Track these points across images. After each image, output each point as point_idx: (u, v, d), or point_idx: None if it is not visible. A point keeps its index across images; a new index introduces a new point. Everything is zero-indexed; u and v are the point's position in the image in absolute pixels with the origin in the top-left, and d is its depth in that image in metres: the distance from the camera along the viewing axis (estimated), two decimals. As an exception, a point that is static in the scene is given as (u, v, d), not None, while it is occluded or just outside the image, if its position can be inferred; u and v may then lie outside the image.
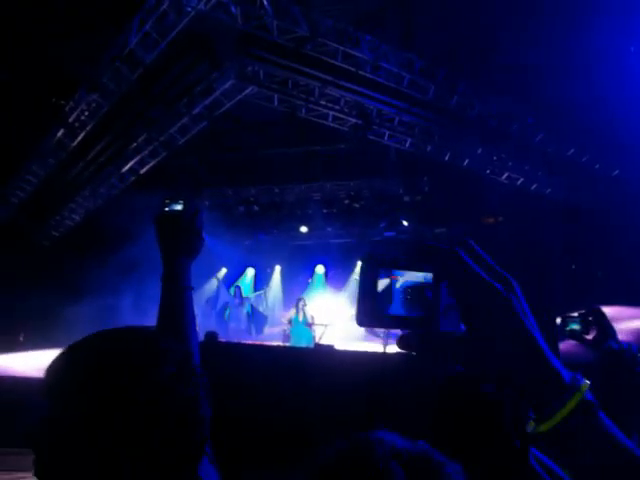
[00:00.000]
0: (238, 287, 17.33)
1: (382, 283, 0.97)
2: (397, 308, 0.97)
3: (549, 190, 14.06)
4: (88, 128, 11.91)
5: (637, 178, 12.23)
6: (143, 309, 12.66)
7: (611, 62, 9.48)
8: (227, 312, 16.96)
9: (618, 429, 0.94)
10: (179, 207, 2.04)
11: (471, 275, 0.94)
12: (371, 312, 0.97)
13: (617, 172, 13.21)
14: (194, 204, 2.04)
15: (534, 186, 14.04)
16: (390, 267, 0.98)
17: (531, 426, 0.96)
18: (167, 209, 2.05)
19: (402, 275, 0.97)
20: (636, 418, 2.38)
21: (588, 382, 0.95)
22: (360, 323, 0.98)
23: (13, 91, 10.44)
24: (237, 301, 17.12)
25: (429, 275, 0.96)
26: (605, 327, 2.96)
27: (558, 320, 3.21)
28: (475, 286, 0.94)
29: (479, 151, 13.09)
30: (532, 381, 0.95)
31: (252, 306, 17.31)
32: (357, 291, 0.98)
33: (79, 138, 12.24)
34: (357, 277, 1.03)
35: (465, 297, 0.95)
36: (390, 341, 13.79)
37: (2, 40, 9.40)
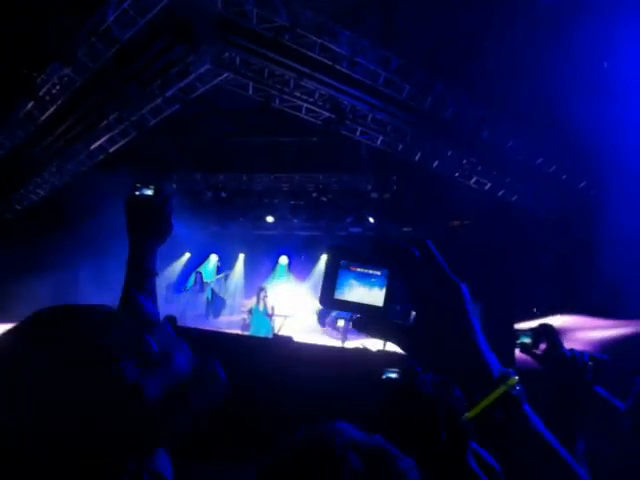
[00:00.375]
0: (199, 273, 17.23)
1: (343, 272, 1.09)
2: (353, 295, 1.07)
3: (515, 197, 14.20)
4: (59, 102, 11.73)
5: (602, 190, 12.38)
6: (103, 287, 12.59)
7: (590, 75, 9.58)
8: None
9: (543, 424, 1.02)
10: (150, 192, 2.03)
11: (425, 270, 1.04)
12: (331, 296, 1.09)
13: (584, 184, 13.37)
14: (165, 189, 2.04)
15: (501, 192, 14.17)
16: (352, 259, 1.09)
17: (464, 416, 1.03)
18: (138, 193, 2.04)
19: (362, 268, 1.08)
20: (582, 420, 2.51)
21: (516, 377, 1.02)
22: (321, 302, 1.10)
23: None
24: (197, 287, 17.03)
25: (385, 271, 1.06)
26: (555, 342, 3.03)
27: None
28: (433, 279, 1.04)
29: (449, 153, 13.17)
30: (465, 372, 1.03)
31: (212, 290, 17.24)
32: (323, 275, 1.11)
33: (49, 112, 12.05)
34: (321, 268, 1.16)
35: (416, 290, 1.04)
36: (349, 337, 13.89)
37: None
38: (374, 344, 13.63)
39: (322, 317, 14.83)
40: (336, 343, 13.71)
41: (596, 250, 11.18)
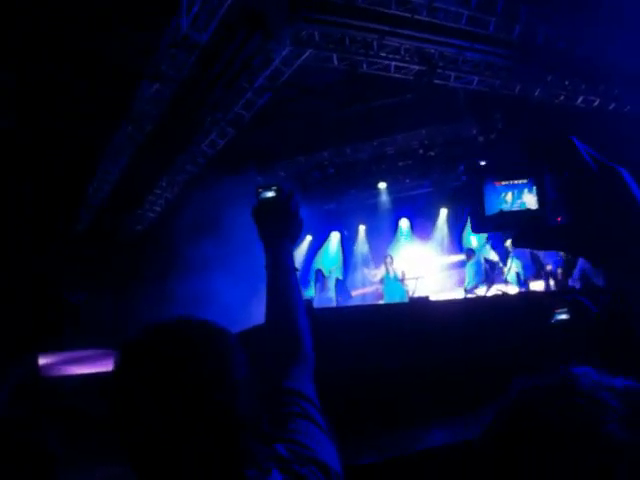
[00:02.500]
0: (319, 271, 16.91)
1: (488, 189, 1.05)
2: (506, 206, 1.03)
3: (628, 107, 13.45)
4: (155, 118, 12.02)
5: None
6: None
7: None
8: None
9: None
10: (271, 194, 2.06)
11: (587, 159, 0.98)
12: (482, 217, 1.04)
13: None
14: (287, 188, 2.05)
15: (612, 106, 13.46)
16: (493, 175, 1.06)
17: None
18: (261, 197, 2.07)
19: (507, 180, 1.04)
20: None
21: None
22: (475, 230, 1.06)
23: (76, 92, 10.60)
24: (319, 286, 16.36)
25: (531, 178, 1.03)
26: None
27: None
28: (590, 169, 0.98)
29: (549, 78, 12.61)
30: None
31: (337, 281, 16.87)
32: (467, 202, 1.07)
33: (147, 130, 12.37)
34: (442, 223, 1.07)
35: (580, 182, 0.98)
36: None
37: (53, 39, 9.51)
38: (510, 289, 13.38)
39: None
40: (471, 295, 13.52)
41: None
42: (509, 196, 1.02)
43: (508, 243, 13.80)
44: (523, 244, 1.02)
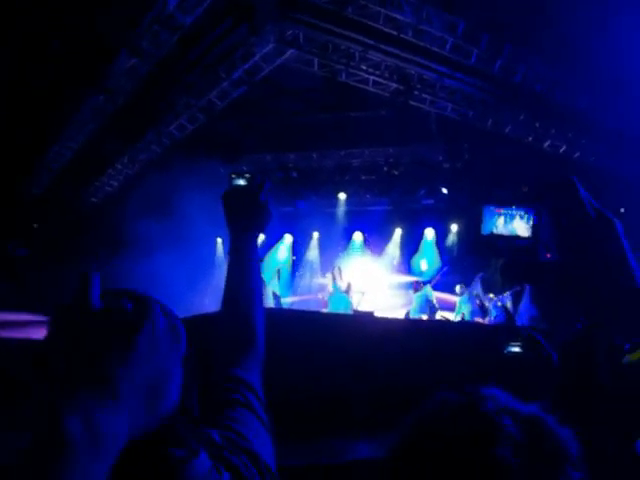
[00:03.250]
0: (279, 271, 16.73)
1: (488, 212, 1.12)
2: (501, 230, 1.09)
3: (593, 158, 13.75)
4: (127, 93, 11.87)
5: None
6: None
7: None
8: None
9: None
10: (243, 181, 2.05)
11: (586, 204, 1.02)
12: (477, 233, 1.11)
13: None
14: (259, 178, 2.04)
15: (577, 154, 13.75)
16: (497, 203, 1.12)
17: (626, 357, 0.98)
18: (232, 184, 2.06)
19: (507, 209, 1.10)
20: None
21: None
22: (468, 251, 1.10)
23: (53, 54, 10.41)
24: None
25: (531, 211, 1.09)
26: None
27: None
28: (589, 214, 1.02)
29: (521, 117, 12.84)
30: (625, 310, 0.99)
31: (274, 295, 16.69)
32: (472, 216, 1.12)
33: (118, 103, 12.21)
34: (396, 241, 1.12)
35: (577, 224, 1.02)
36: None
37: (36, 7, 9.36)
38: (452, 316, 13.55)
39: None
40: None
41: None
42: (501, 220, 1.07)
43: (457, 288, 14.00)
44: (512, 273, 1.05)
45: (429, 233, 17.41)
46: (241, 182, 2.06)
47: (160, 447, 1.18)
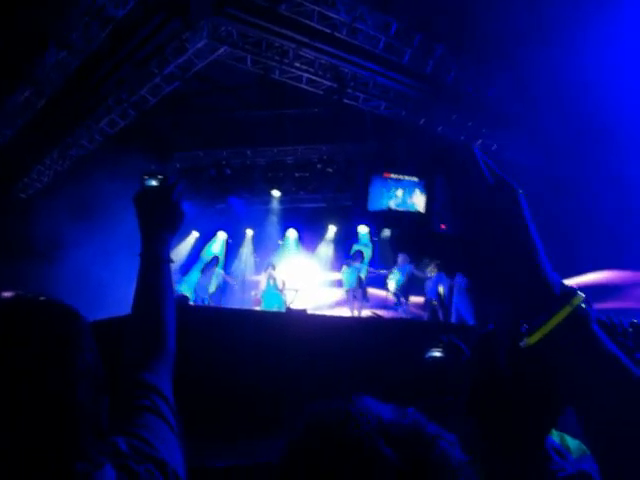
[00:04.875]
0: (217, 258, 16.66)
1: (376, 180, 0.99)
2: (390, 203, 0.98)
3: (525, 157, 14.04)
4: (56, 87, 11.60)
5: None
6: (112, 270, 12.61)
7: (593, 34, 9.47)
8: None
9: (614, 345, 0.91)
10: (155, 182, 2.02)
11: (485, 171, 0.94)
12: (364, 207, 0.98)
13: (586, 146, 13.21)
14: (172, 178, 2.01)
15: (508, 152, 14.03)
16: (385, 166, 1.00)
17: (524, 341, 0.93)
18: (144, 185, 2.03)
19: (397, 174, 0.99)
20: None
21: (582, 295, 0.91)
22: (357, 214, 0.99)
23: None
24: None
25: (424, 178, 0.98)
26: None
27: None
28: (489, 180, 0.94)
29: (454, 117, 13.04)
30: (525, 288, 0.92)
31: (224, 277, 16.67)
32: (353, 190, 1.05)
33: (47, 97, 11.92)
34: (330, 239, 1.04)
35: (475, 191, 0.93)
36: (365, 305, 13.88)
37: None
38: (386, 313, 13.69)
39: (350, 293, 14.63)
40: (348, 313, 13.72)
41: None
42: (399, 192, 0.97)
43: (400, 258, 14.14)
44: (402, 246, 0.98)
45: (363, 229, 17.54)
46: (153, 183, 2.03)
47: (62, 461, 1.16)
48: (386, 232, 0.96)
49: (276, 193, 17.36)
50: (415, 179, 0.97)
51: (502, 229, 0.92)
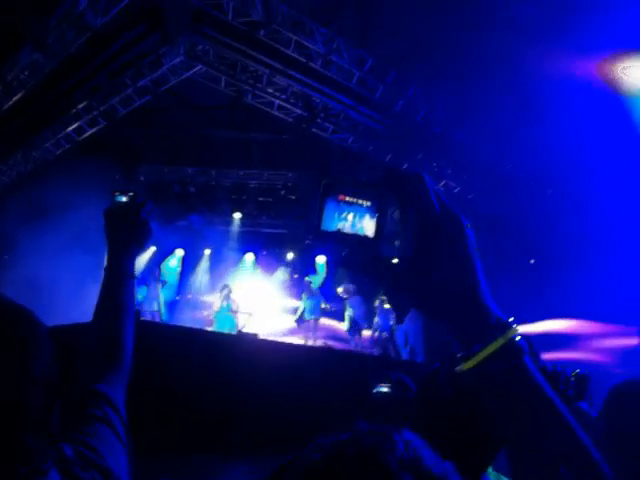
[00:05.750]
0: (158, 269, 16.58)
1: (331, 202, 1.02)
2: (342, 225, 1.00)
3: (486, 202, 14.27)
4: (27, 88, 11.50)
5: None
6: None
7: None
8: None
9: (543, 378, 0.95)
10: (124, 199, 2.06)
11: (433, 199, 0.97)
12: (317, 227, 1.00)
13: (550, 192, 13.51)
14: (142, 197, 2.05)
15: (471, 195, 14.26)
16: (341, 189, 1.02)
17: (461, 365, 0.97)
18: (114, 201, 2.07)
19: (351, 197, 1.01)
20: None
21: (517, 327, 0.96)
22: (309, 232, 1.04)
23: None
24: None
25: (375, 202, 1.01)
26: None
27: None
28: (435, 209, 0.97)
29: (419, 156, 13.22)
30: (463, 317, 0.96)
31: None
32: (310, 208, 1.04)
33: (16, 97, 11.81)
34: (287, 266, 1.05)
35: (424, 218, 0.97)
36: (317, 335, 13.92)
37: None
38: (336, 343, 13.74)
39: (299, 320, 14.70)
40: (300, 341, 13.72)
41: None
42: (350, 216, 1.00)
43: (340, 290, 14.26)
44: (350, 266, 1.01)
45: (320, 259, 17.57)
46: (123, 199, 2.07)
47: (6, 464, 1.16)
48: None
49: (237, 215, 17.36)
50: (368, 203, 1.00)
51: (446, 257, 0.96)
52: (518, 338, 0.95)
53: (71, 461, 1.36)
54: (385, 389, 3.29)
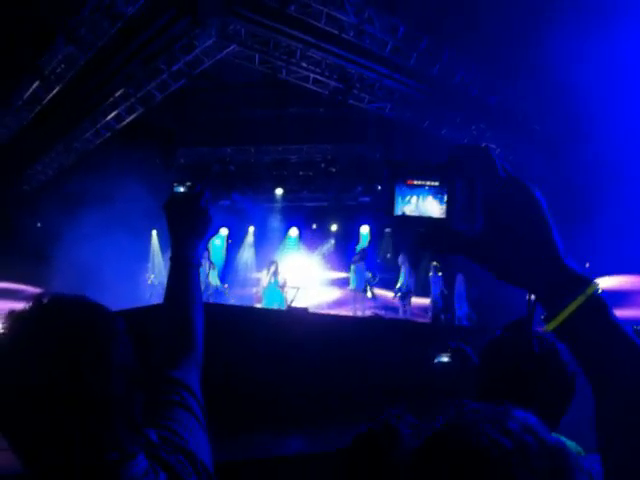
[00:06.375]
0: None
1: (400, 187, 1.03)
2: (413, 209, 1.01)
3: (528, 162, 14.09)
4: (64, 81, 11.65)
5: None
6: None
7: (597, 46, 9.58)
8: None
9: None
10: (183, 189, 2.09)
11: (502, 169, 0.98)
12: (390, 213, 1.02)
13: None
14: (199, 186, 2.09)
15: (511, 157, 14.09)
16: (408, 173, 1.03)
17: (544, 328, 0.98)
18: (173, 192, 2.11)
19: (419, 180, 1.02)
20: None
21: (598, 282, 0.96)
22: (384, 217, 1.02)
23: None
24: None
25: (445, 181, 1.01)
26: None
27: None
28: (506, 180, 0.98)
29: (458, 120, 13.10)
30: (544, 277, 0.98)
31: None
32: (383, 194, 1.04)
33: (54, 91, 11.98)
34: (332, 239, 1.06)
35: (494, 190, 0.97)
36: (366, 305, 14.00)
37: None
38: (386, 312, 13.78)
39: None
40: (349, 312, 13.79)
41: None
42: (414, 199, 1.01)
43: (400, 259, 14.20)
44: (427, 246, 1.02)
45: (364, 229, 17.55)
46: (181, 189, 2.11)
47: (97, 451, 1.25)
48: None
49: (279, 191, 17.42)
50: (436, 184, 1.01)
51: (521, 221, 0.98)
52: (600, 291, 0.96)
53: (156, 445, 1.43)
54: (445, 358, 3.33)
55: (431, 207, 1.00)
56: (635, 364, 0.94)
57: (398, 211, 1.02)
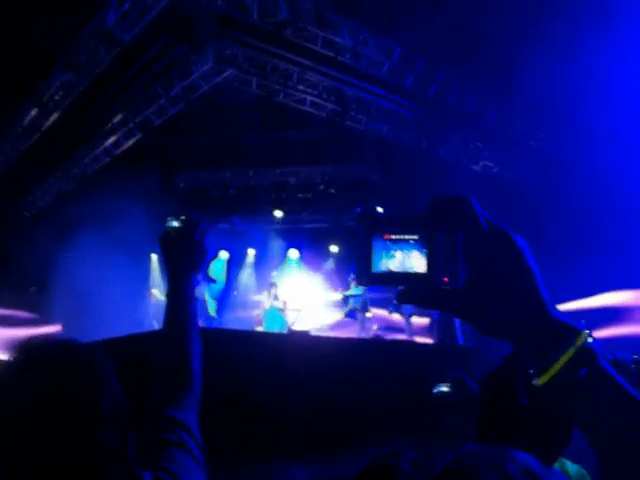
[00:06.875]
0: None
1: (377, 243, 0.99)
2: (393, 265, 0.98)
3: (525, 179, 14.13)
4: (63, 107, 11.70)
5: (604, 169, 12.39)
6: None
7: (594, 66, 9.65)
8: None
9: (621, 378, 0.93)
10: (177, 223, 2.07)
11: (485, 220, 0.96)
12: (368, 271, 0.99)
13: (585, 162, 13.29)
14: (195, 217, 2.07)
15: (509, 175, 14.13)
16: (385, 227, 1.00)
17: (534, 381, 0.96)
18: (167, 226, 2.09)
19: (397, 234, 0.99)
20: None
21: (587, 330, 0.94)
22: (359, 283, 1.01)
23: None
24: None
25: (422, 234, 0.98)
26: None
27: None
28: (488, 231, 0.95)
29: (455, 139, 13.14)
30: (531, 329, 0.95)
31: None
32: (355, 252, 1.00)
33: (53, 117, 12.02)
34: (331, 261, 1.03)
35: (477, 242, 0.95)
36: (367, 327, 13.94)
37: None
38: (388, 334, 13.73)
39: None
40: (352, 334, 13.74)
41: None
42: (398, 254, 0.98)
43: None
44: (407, 301, 0.99)
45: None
46: (175, 224, 2.08)
47: None
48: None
49: (279, 213, 17.44)
50: (415, 237, 0.98)
51: (504, 272, 0.95)
52: (590, 340, 0.94)
53: None
54: (445, 388, 3.33)
55: (417, 262, 0.97)
56: (629, 415, 0.92)
57: (382, 267, 0.98)
